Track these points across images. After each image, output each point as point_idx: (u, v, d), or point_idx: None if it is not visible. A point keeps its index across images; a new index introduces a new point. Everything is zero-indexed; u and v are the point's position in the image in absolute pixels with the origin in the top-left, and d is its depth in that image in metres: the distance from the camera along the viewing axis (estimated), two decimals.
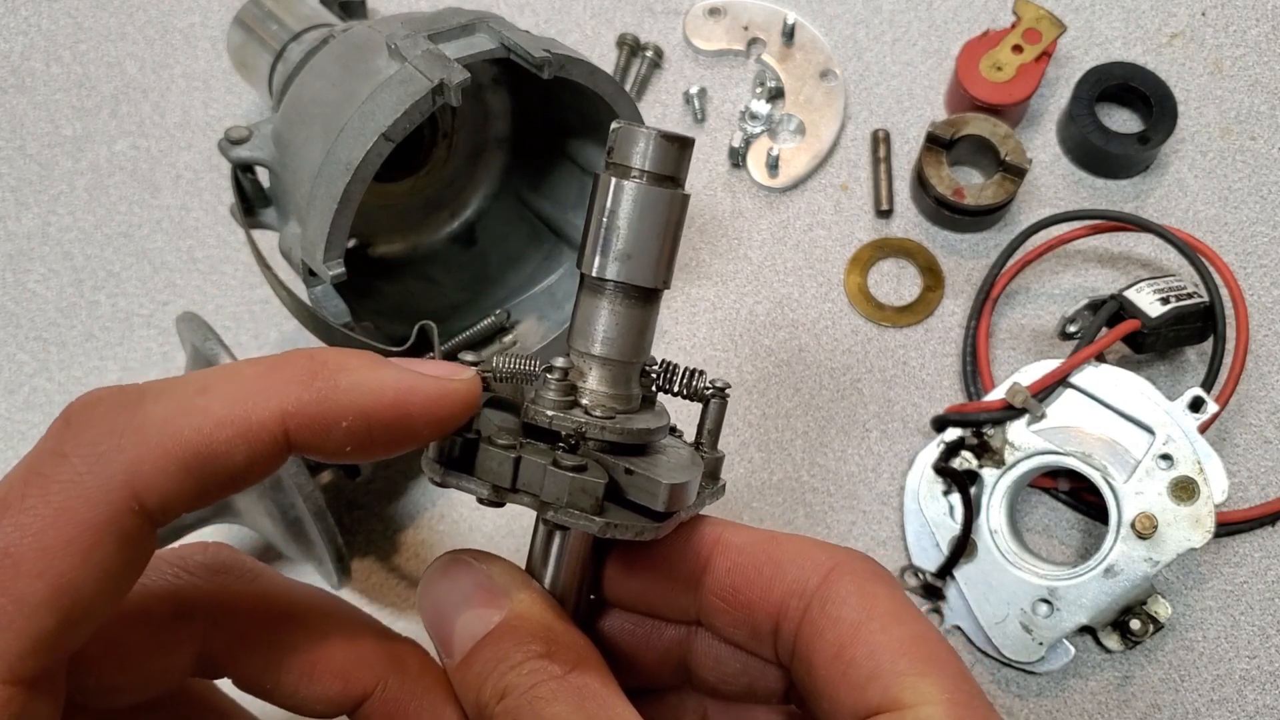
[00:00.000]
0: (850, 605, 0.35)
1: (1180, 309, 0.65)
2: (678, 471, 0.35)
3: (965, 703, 0.32)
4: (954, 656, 0.34)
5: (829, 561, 0.36)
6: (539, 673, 0.34)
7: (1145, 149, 0.74)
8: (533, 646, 0.34)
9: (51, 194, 0.77)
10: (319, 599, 0.39)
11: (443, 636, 0.37)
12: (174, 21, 0.83)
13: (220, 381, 0.32)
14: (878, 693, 0.33)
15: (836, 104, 0.78)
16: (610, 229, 0.34)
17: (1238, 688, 0.63)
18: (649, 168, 0.33)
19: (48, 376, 0.72)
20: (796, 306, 0.73)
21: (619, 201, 0.33)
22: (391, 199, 0.69)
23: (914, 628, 0.34)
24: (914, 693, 0.32)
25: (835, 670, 0.34)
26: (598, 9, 0.82)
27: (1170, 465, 0.61)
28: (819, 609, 0.35)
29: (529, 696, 0.33)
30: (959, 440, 0.66)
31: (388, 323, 0.64)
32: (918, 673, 0.33)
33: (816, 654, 0.35)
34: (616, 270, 0.34)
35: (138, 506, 0.29)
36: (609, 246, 0.34)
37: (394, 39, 0.55)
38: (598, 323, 0.35)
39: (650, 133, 0.33)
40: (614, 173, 0.33)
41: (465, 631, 0.36)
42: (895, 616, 0.34)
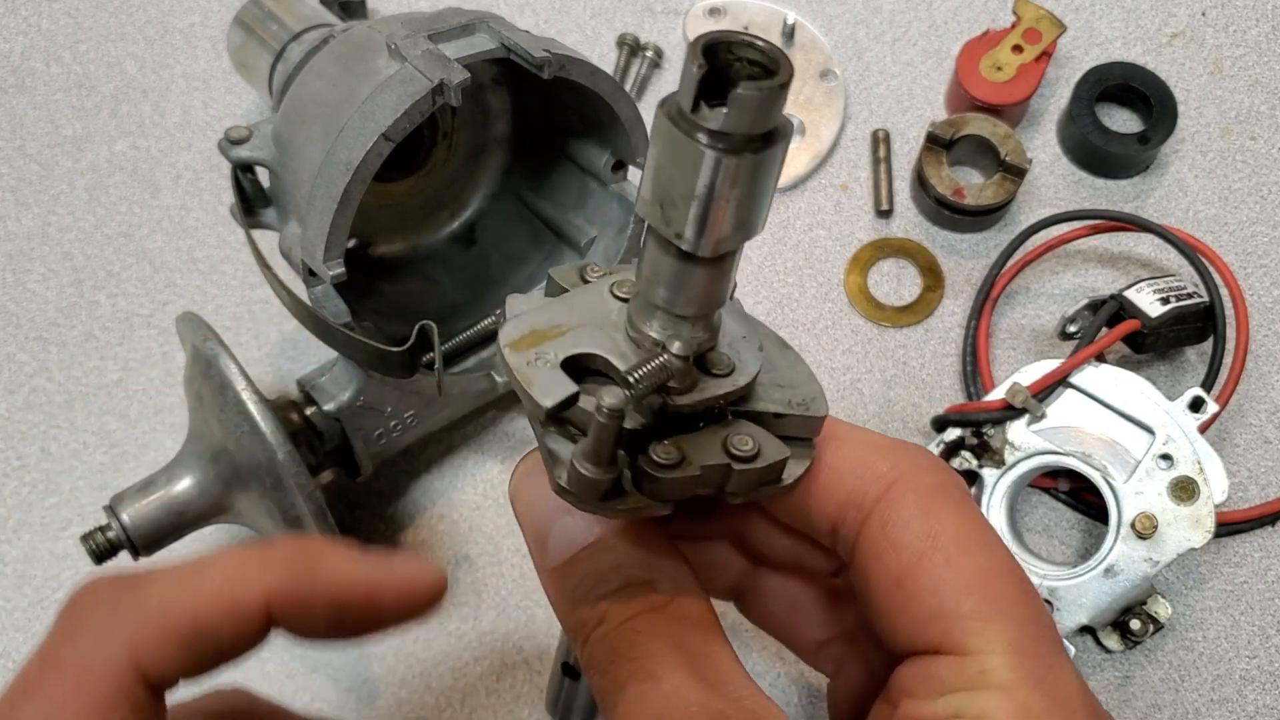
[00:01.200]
0: (912, 530, 0.33)
1: (1180, 309, 0.65)
2: (812, 388, 0.34)
3: (1031, 651, 0.31)
4: (1024, 593, 0.32)
5: (891, 473, 0.34)
6: (638, 602, 0.33)
7: (1145, 149, 0.74)
8: (633, 569, 0.34)
9: (51, 194, 0.77)
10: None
11: (537, 535, 0.36)
12: (174, 21, 0.83)
13: (212, 567, 0.36)
14: (938, 633, 0.31)
15: (836, 104, 0.78)
16: (723, 206, 0.28)
17: (1238, 688, 0.63)
18: (758, 129, 0.27)
19: (48, 376, 0.72)
20: (796, 306, 0.73)
21: (733, 178, 0.27)
22: (391, 199, 0.69)
23: (981, 559, 0.32)
24: (979, 639, 0.31)
25: (895, 599, 0.32)
26: (598, 9, 0.82)
27: (1170, 465, 0.62)
28: (879, 529, 0.33)
29: (627, 629, 0.33)
30: (959, 440, 0.66)
31: (388, 323, 0.64)
32: (983, 616, 0.31)
33: (875, 575, 0.33)
34: (730, 242, 0.29)
35: (143, 678, 0.33)
36: (720, 223, 0.28)
37: (394, 39, 0.55)
38: (696, 286, 0.31)
39: (763, 92, 0.26)
40: (718, 145, 0.27)
41: (564, 536, 0.35)
42: (961, 545, 0.32)
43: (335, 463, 0.64)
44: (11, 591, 0.67)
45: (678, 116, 0.27)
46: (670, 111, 0.27)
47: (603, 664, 0.33)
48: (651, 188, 0.29)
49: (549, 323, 0.33)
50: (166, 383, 0.72)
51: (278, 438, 0.55)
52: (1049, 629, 0.32)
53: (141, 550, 0.58)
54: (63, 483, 0.69)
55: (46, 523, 0.68)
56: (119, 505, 0.58)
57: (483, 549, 0.67)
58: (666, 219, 0.29)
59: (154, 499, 0.58)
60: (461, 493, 0.69)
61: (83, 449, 0.70)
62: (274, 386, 0.71)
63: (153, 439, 0.70)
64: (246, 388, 0.56)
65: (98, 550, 0.58)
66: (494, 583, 0.67)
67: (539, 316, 0.33)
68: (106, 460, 0.70)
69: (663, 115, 0.27)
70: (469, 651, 0.65)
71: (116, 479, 0.68)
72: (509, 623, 0.66)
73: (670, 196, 0.28)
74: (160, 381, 0.72)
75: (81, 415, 0.71)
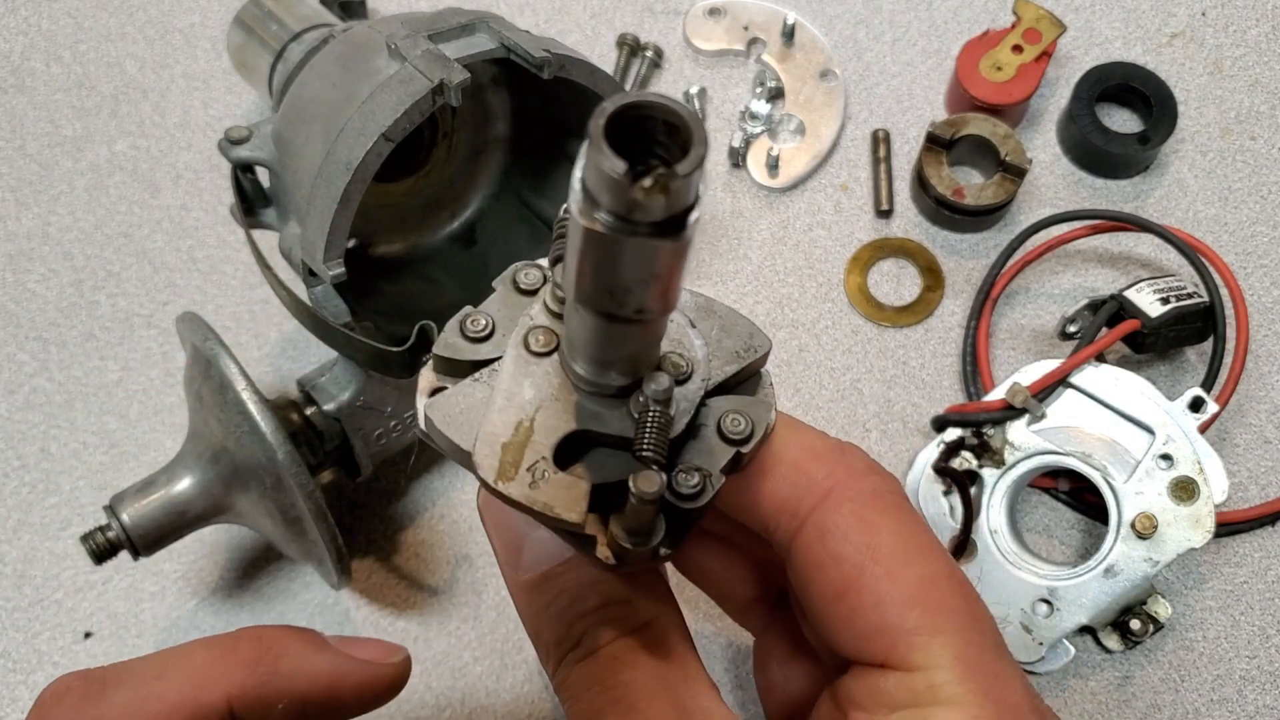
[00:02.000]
0: (851, 542, 0.32)
1: (1180, 309, 0.65)
2: (745, 326, 0.34)
3: (977, 661, 0.31)
4: (967, 600, 0.32)
5: (826, 480, 0.34)
6: (619, 626, 0.33)
7: (1145, 149, 0.74)
8: (612, 587, 0.33)
9: (51, 194, 0.77)
10: None
11: (509, 547, 0.36)
12: (174, 21, 0.83)
13: (175, 668, 0.37)
14: (883, 647, 0.31)
15: (836, 104, 0.78)
16: (583, 263, 0.26)
17: (1238, 688, 0.63)
18: (615, 209, 0.24)
19: (48, 376, 0.72)
20: (796, 306, 0.73)
21: (581, 240, 0.25)
22: (391, 199, 0.69)
23: (922, 568, 0.32)
24: (924, 653, 0.31)
25: (837, 612, 0.32)
26: (598, 9, 0.82)
27: (1170, 465, 0.61)
28: (816, 539, 0.33)
29: (606, 655, 0.32)
30: (959, 440, 0.65)
31: (388, 323, 0.64)
32: (928, 629, 0.31)
33: (814, 586, 0.33)
34: (611, 306, 0.27)
35: None
36: (585, 276, 0.26)
37: (394, 39, 0.55)
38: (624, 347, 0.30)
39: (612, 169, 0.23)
40: (582, 213, 0.25)
41: (539, 549, 0.35)
42: (902, 556, 0.32)
43: (335, 463, 0.64)
44: (11, 591, 0.66)
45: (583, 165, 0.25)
46: None
47: (578, 690, 0.33)
48: None
49: (506, 424, 0.31)
50: (166, 383, 0.72)
51: (277, 438, 0.55)
52: (993, 634, 0.32)
53: (142, 550, 0.58)
54: (62, 483, 0.69)
55: (46, 523, 0.68)
56: (119, 505, 0.58)
57: (483, 549, 0.67)
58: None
59: (154, 499, 0.58)
60: (461, 493, 0.69)
61: (83, 449, 0.70)
62: (274, 386, 0.71)
63: (153, 439, 0.70)
64: (246, 388, 0.56)
65: (98, 550, 0.58)
66: (494, 583, 0.67)
67: (493, 424, 0.31)
68: (106, 460, 0.70)
69: None
70: (468, 652, 0.65)
71: (116, 479, 0.68)
72: (508, 623, 0.66)
73: None
74: (160, 381, 0.72)
75: (81, 415, 0.71)
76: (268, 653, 0.38)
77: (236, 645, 0.38)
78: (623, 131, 0.24)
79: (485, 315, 0.32)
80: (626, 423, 0.31)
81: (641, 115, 0.24)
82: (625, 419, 0.31)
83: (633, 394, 0.31)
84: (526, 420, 0.31)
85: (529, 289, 0.33)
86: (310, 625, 0.66)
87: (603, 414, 0.31)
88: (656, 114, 0.24)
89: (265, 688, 0.38)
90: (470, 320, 0.32)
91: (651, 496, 0.29)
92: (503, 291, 0.33)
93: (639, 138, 0.24)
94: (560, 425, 0.31)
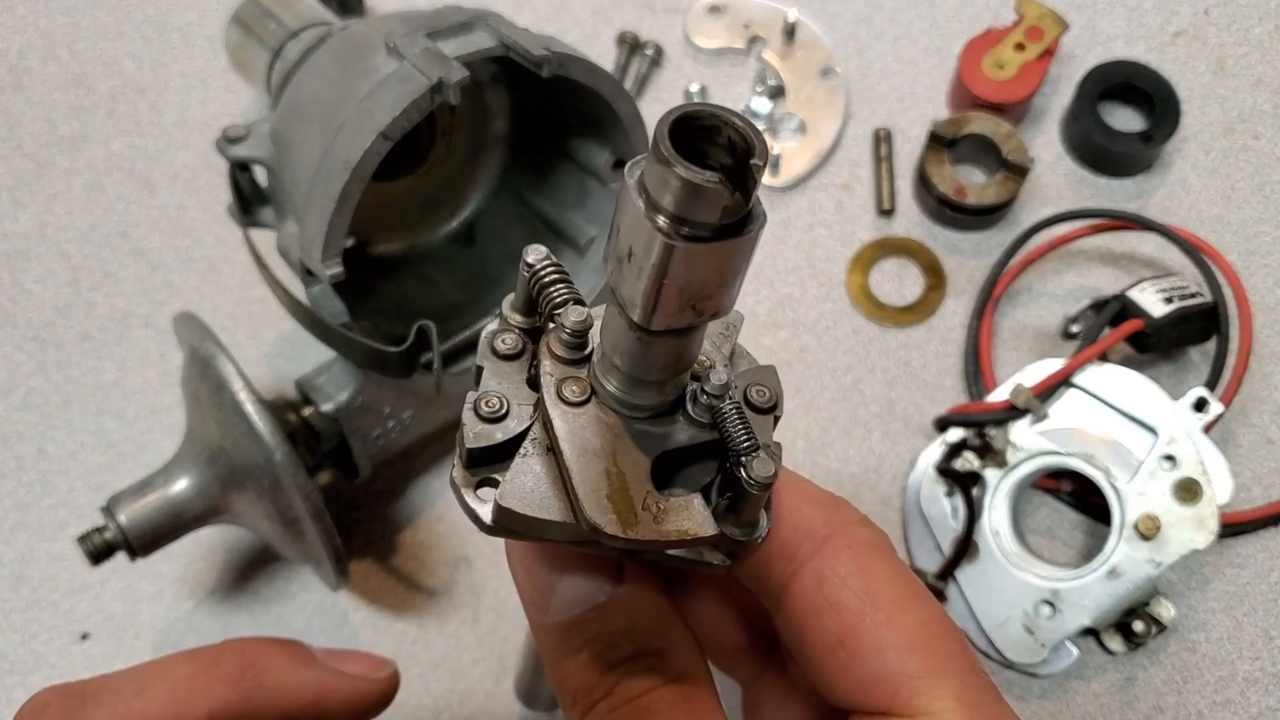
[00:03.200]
0: (851, 589, 0.33)
1: (1184, 309, 0.65)
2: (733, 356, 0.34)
3: (977, 703, 0.31)
4: (963, 646, 0.33)
5: (825, 527, 0.34)
6: (653, 677, 0.32)
7: (1148, 148, 0.74)
8: (647, 638, 0.33)
9: (48, 193, 0.77)
10: None
11: (536, 587, 0.35)
12: (171, 20, 0.82)
13: (156, 683, 0.37)
14: (885, 694, 0.31)
15: (838, 102, 0.78)
16: (669, 288, 0.26)
17: (1241, 689, 0.63)
18: (709, 220, 0.25)
19: (44, 377, 0.72)
20: (798, 306, 0.73)
21: (691, 264, 0.26)
22: (390, 198, 0.69)
23: (920, 615, 0.32)
24: (927, 697, 0.31)
25: (836, 659, 0.32)
26: (597, 6, 0.82)
27: (1174, 466, 0.61)
28: (814, 586, 0.33)
29: (638, 706, 0.32)
30: (961, 441, 0.65)
31: (386, 322, 0.64)
32: (930, 673, 0.31)
33: (812, 633, 0.33)
34: (678, 320, 0.28)
35: None
36: (665, 303, 0.27)
37: (392, 37, 0.55)
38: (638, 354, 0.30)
39: (705, 184, 0.24)
40: (678, 233, 0.25)
41: (570, 594, 0.34)
42: (899, 603, 0.32)
43: (333, 463, 0.63)
44: (8, 592, 0.66)
45: (639, 186, 0.26)
46: (635, 175, 0.26)
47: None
48: (611, 246, 0.28)
49: (597, 477, 0.31)
50: (164, 383, 0.71)
51: (275, 438, 0.55)
52: (986, 677, 0.32)
53: (139, 551, 0.58)
54: (59, 483, 0.69)
55: (43, 524, 0.68)
56: (116, 506, 0.58)
57: (481, 550, 0.67)
58: (617, 283, 0.28)
59: (151, 500, 0.58)
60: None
61: (80, 449, 0.70)
62: (271, 387, 0.70)
63: (150, 439, 0.70)
64: (244, 388, 0.56)
65: (95, 551, 0.57)
66: (492, 584, 0.66)
67: (585, 482, 0.30)
68: (103, 461, 0.69)
69: (628, 175, 0.26)
70: (467, 653, 0.65)
71: (113, 480, 0.68)
72: (507, 625, 0.65)
73: (623, 261, 0.27)
74: (157, 382, 0.72)
75: (78, 416, 0.71)
76: (251, 667, 0.38)
77: (219, 659, 0.38)
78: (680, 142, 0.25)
79: (493, 394, 0.32)
80: (691, 430, 0.32)
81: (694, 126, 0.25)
82: (687, 427, 0.32)
83: (677, 406, 0.32)
84: (612, 466, 0.31)
85: (511, 353, 0.33)
86: (308, 627, 0.65)
87: (667, 432, 0.32)
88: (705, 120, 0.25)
89: (248, 703, 0.37)
90: (484, 403, 0.32)
91: (768, 480, 0.29)
92: (490, 365, 0.33)
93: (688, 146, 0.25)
94: (641, 458, 0.31)
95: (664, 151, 0.24)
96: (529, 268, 0.32)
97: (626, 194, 0.26)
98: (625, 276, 0.27)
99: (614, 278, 0.28)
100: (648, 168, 0.25)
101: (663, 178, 0.24)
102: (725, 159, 0.26)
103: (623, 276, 0.27)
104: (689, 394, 0.32)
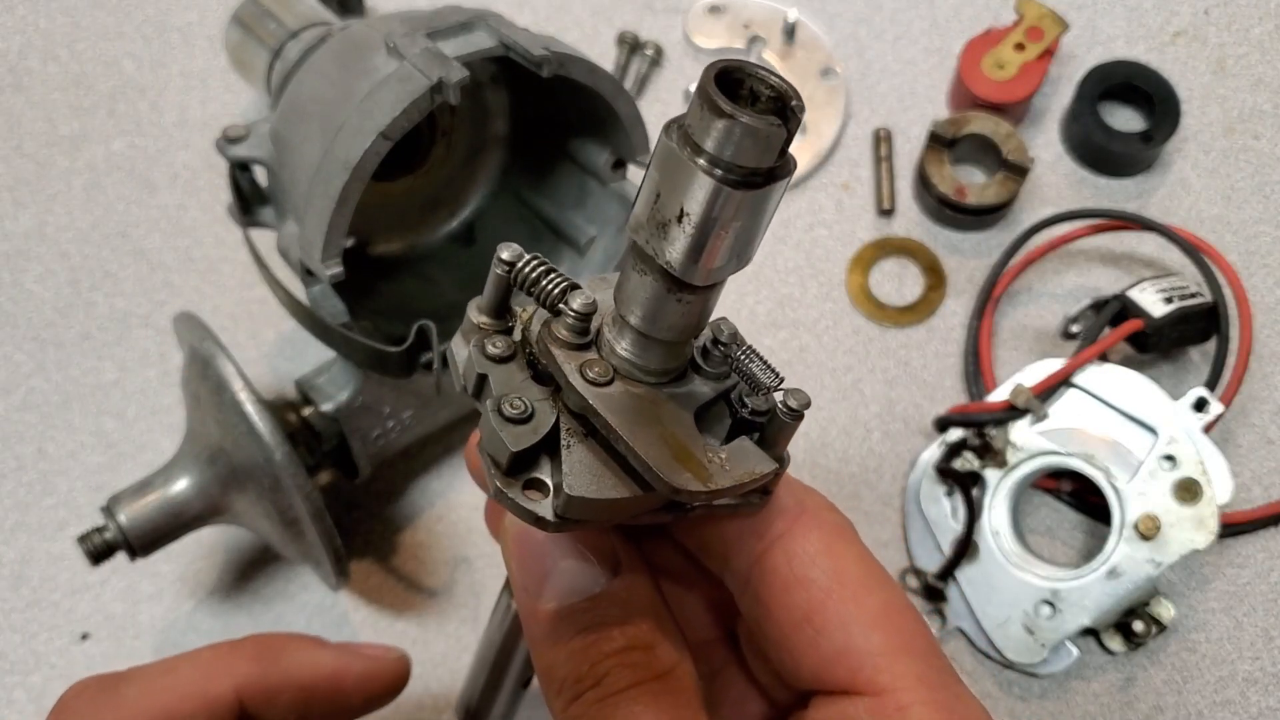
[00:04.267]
0: (819, 566, 0.34)
1: (1183, 309, 0.65)
2: None
3: (938, 683, 0.32)
4: (922, 627, 0.34)
5: (795, 507, 0.35)
6: (640, 669, 0.33)
7: (1148, 148, 0.74)
8: (637, 633, 0.33)
9: (48, 193, 0.77)
10: None
11: (531, 572, 0.35)
12: (171, 20, 0.82)
13: (185, 664, 0.40)
14: (848, 669, 0.32)
15: (838, 102, 0.78)
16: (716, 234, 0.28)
17: (1241, 689, 0.63)
18: (757, 164, 0.27)
19: (45, 376, 0.72)
20: (798, 306, 0.73)
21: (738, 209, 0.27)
22: (390, 198, 0.69)
23: (883, 595, 0.33)
24: (889, 674, 0.32)
25: (801, 634, 0.33)
26: (597, 6, 0.82)
27: (1173, 466, 0.61)
28: (784, 561, 0.34)
29: (626, 697, 0.32)
30: (961, 441, 0.65)
31: (386, 322, 0.64)
32: (891, 651, 0.32)
33: (779, 609, 0.34)
34: (717, 273, 0.29)
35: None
36: (710, 251, 0.28)
37: (392, 37, 0.55)
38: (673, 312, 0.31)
39: (762, 129, 0.26)
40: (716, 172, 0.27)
41: (564, 581, 0.35)
42: (865, 584, 0.33)
43: (333, 463, 0.63)
44: (8, 593, 0.66)
45: (683, 141, 0.27)
46: (675, 136, 0.27)
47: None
48: (646, 207, 0.29)
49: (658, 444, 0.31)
50: (164, 383, 0.71)
51: (275, 438, 0.55)
52: (945, 659, 0.33)
53: (139, 551, 0.58)
54: (59, 483, 0.69)
55: (43, 524, 0.68)
56: (116, 506, 0.58)
57: (481, 550, 0.67)
58: (652, 240, 0.29)
59: (151, 500, 0.58)
60: (460, 494, 0.69)
61: (80, 449, 0.70)
62: (271, 387, 0.70)
63: (150, 439, 0.70)
64: (244, 388, 0.56)
65: (95, 551, 0.57)
66: (493, 584, 0.66)
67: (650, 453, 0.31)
68: (103, 461, 0.69)
69: (667, 138, 0.27)
70: (467, 654, 0.65)
71: (113, 480, 0.68)
72: None
73: (663, 218, 0.28)
74: (157, 382, 0.72)
75: (78, 416, 0.71)
76: (270, 648, 0.42)
77: (242, 644, 0.42)
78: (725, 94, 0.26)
79: (514, 397, 0.32)
80: (711, 383, 0.33)
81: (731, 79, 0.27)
82: (706, 382, 0.33)
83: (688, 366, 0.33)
84: (665, 431, 0.32)
85: (506, 355, 0.34)
86: (308, 627, 0.66)
87: (692, 390, 0.33)
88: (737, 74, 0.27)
89: (270, 677, 0.41)
90: (508, 404, 0.32)
91: (805, 405, 0.32)
92: (492, 371, 0.33)
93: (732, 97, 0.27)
94: (684, 415, 0.32)
95: (723, 105, 0.26)
96: (506, 265, 0.33)
97: (672, 156, 0.27)
98: (673, 238, 0.28)
99: (654, 244, 0.29)
100: (698, 126, 0.26)
101: (725, 131, 0.26)
102: (765, 105, 0.27)
103: (669, 239, 0.28)
104: (697, 351, 0.33)
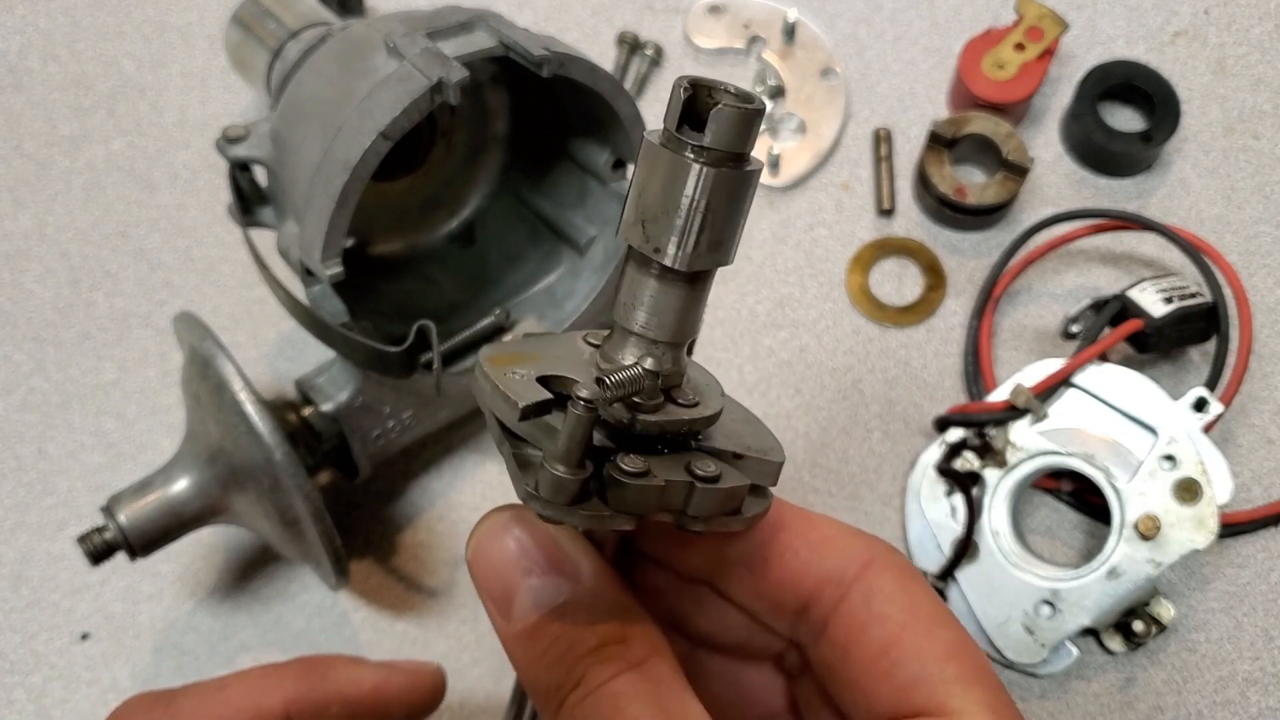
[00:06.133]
0: (895, 604, 0.35)
1: (1184, 309, 0.65)
2: (770, 441, 0.36)
3: (1004, 713, 0.34)
4: (989, 664, 0.35)
5: (866, 552, 0.36)
6: (616, 662, 0.33)
7: (1148, 148, 0.74)
8: (608, 629, 0.34)
9: (48, 193, 0.77)
10: None
11: (499, 597, 0.35)
12: (171, 19, 0.82)
13: (236, 681, 0.44)
14: (923, 697, 0.34)
15: (838, 102, 0.78)
16: (703, 220, 0.31)
17: (1241, 689, 0.63)
18: (737, 148, 0.30)
19: (44, 376, 0.72)
20: (798, 306, 0.73)
21: (712, 190, 0.31)
22: (390, 198, 0.69)
23: (955, 633, 0.35)
24: (961, 700, 0.33)
25: (878, 668, 0.35)
26: (597, 6, 0.82)
27: (1173, 466, 0.61)
28: (861, 603, 0.36)
29: (607, 692, 0.33)
30: (961, 441, 0.65)
31: (386, 322, 0.64)
32: (963, 680, 0.34)
33: (857, 647, 0.35)
34: (707, 260, 0.32)
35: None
36: (699, 237, 0.31)
37: (392, 37, 0.55)
38: (671, 309, 0.33)
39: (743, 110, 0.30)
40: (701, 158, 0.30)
41: (530, 598, 0.35)
42: (937, 620, 0.35)
43: (333, 464, 0.63)
44: (8, 593, 0.66)
45: (666, 138, 0.31)
46: (658, 136, 0.31)
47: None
48: (635, 209, 0.32)
49: (527, 351, 0.35)
50: (163, 383, 0.71)
51: (275, 438, 0.55)
52: (1008, 693, 0.35)
53: (139, 551, 0.58)
54: (59, 483, 0.69)
55: (43, 524, 0.68)
56: (116, 506, 0.58)
57: None
58: (647, 236, 0.32)
59: (151, 500, 0.58)
60: (460, 494, 0.69)
61: (79, 449, 0.70)
62: (271, 387, 0.70)
63: (150, 439, 0.70)
64: (244, 388, 0.56)
65: (95, 551, 0.57)
66: None
67: (518, 345, 0.35)
68: (103, 461, 0.69)
69: (651, 140, 0.31)
70: (467, 654, 0.65)
71: (113, 480, 0.68)
72: None
73: (653, 214, 0.31)
74: (157, 382, 0.72)
75: (78, 416, 0.71)
76: (315, 666, 0.45)
77: (289, 664, 0.45)
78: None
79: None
80: None
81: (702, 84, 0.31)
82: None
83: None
84: (543, 356, 0.34)
85: None
86: (308, 627, 0.66)
87: None
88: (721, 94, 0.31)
89: (317, 693, 0.44)
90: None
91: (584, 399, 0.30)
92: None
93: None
94: (560, 369, 0.34)
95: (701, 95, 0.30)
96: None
97: (657, 154, 0.31)
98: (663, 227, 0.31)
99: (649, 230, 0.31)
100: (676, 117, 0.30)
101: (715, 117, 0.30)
102: None
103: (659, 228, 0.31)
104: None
